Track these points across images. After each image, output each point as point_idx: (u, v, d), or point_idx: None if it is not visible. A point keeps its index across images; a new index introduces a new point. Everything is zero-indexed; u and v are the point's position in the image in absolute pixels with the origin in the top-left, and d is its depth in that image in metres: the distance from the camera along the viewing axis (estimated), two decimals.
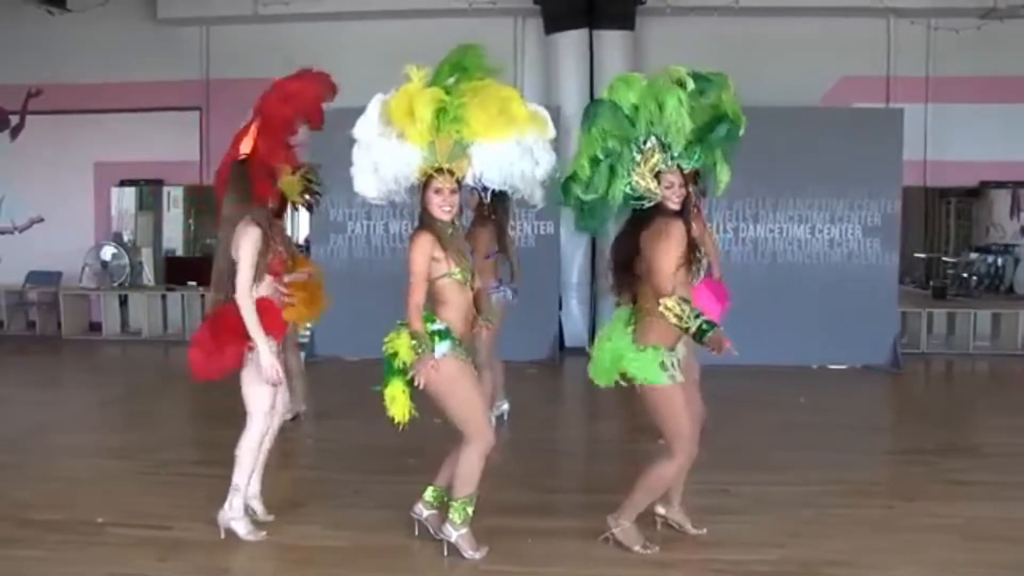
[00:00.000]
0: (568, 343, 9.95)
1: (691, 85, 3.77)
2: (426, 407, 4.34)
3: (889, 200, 9.06)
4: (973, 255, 11.27)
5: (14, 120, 11.38)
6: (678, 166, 3.83)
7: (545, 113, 4.06)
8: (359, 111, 4.04)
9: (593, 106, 3.96)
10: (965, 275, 11.11)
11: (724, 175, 4.00)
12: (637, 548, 4.07)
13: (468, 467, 3.96)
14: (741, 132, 3.92)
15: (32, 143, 11.29)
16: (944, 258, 11.35)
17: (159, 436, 6.29)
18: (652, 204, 3.82)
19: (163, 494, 4.91)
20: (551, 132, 4.05)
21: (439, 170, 3.85)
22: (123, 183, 11.30)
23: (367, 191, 3.97)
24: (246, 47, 10.34)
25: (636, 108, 3.80)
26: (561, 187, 4.01)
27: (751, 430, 6.36)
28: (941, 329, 10.29)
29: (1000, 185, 10.80)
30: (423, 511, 4.25)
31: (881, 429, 7.01)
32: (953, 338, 10.16)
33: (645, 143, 3.81)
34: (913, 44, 10.06)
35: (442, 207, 3.87)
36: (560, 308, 9.76)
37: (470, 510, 4.02)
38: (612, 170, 3.83)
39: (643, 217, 3.86)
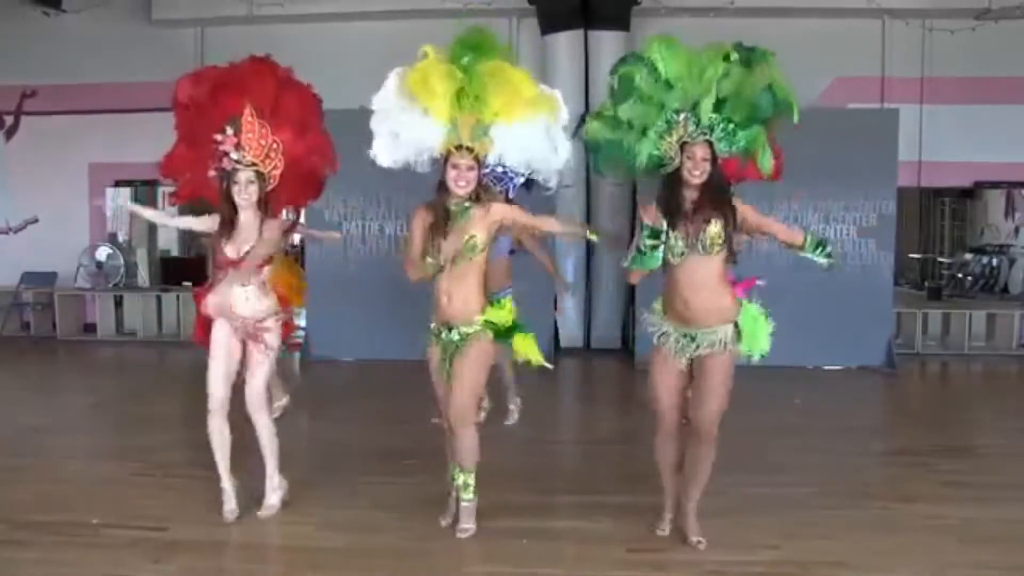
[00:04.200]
0: (563, 343, 9.96)
1: (735, 56, 3.86)
2: (424, 408, 4.36)
3: (884, 201, 9.07)
4: (968, 256, 11.31)
5: (8, 121, 11.37)
6: (708, 142, 3.88)
7: (556, 95, 4.25)
8: (354, 112, 4.05)
9: (631, 59, 4.06)
10: (960, 276, 11.14)
11: (766, 162, 4.04)
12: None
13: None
14: (795, 115, 3.96)
15: (27, 144, 11.27)
16: (939, 259, 11.38)
17: (154, 437, 6.28)
18: (671, 171, 3.93)
19: (158, 495, 4.90)
20: (563, 115, 4.23)
21: (459, 147, 4.03)
22: (118, 184, 11.28)
23: (383, 158, 4.15)
24: (241, 48, 10.16)
25: (678, 77, 3.89)
26: (584, 124, 4.19)
27: (746, 431, 6.34)
28: (936, 330, 10.31)
29: (994, 186, 10.83)
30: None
31: (876, 430, 7.01)
32: (948, 339, 10.18)
33: (679, 114, 3.89)
34: (908, 45, 10.08)
35: (457, 182, 4.04)
36: (555, 309, 9.75)
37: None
38: (643, 131, 3.94)
39: (663, 182, 3.98)
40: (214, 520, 4.47)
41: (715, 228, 3.87)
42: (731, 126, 3.91)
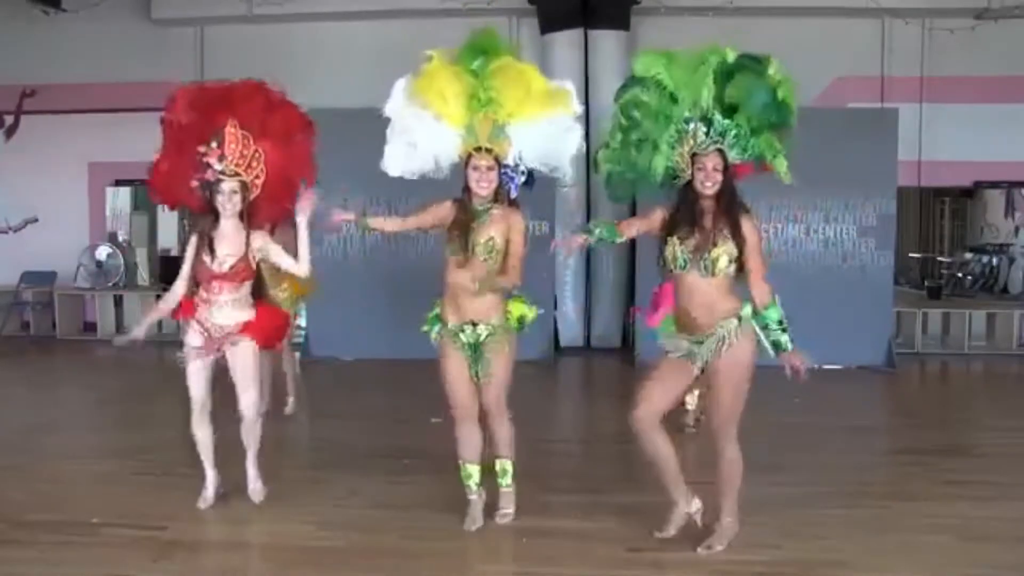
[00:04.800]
0: (563, 343, 9.96)
1: (731, 58, 3.87)
2: (424, 408, 4.35)
3: (884, 200, 9.08)
4: (968, 255, 11.31)
5: (8, 120, 11.37)
6: (719, 151, 3.86)
7: (569, 87, 4.30)
8: (352, 111, 4.05)
9: (628, 79, 4.10)
10: (960, 275, 11.14)
11: (781, 164, 3.99)
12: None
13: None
14: (791, 117, 3.91)
15: (26, 143, 11.27)
16: (939, 258, 11.39)
17: (154, 437, 6.28)
18: (684, 183, 3.93)
19: (158, 495, 4.90)
20: (576, 107, 4.28)
21: (478, 148, 4.12)
22: (118, 183, 11.29)
23: (395, 168, 4.25)
24: (240, 47, 10.33)
25: (679, 87, 3.91)
26: (594, 158, 4.23)
27: (745, 431, 6.32)
28: (936, 329, 10.33)
29: (994, 185, 10.84)
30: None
31: (876, 429, 7.01)
32: (948, 338, 10.19)
33: (688, 123, 3.89)
34: (907, 44, 10.08)
35: (479, 183, 4.14)
36: (555, 308, 9.75)
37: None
38: (655, 145, 3.94)
39: (678, 194, 3.98)
40: (214, 519, 4.47)
41: (720, 252, 3.84)
42: (743, 131, 3.87)
